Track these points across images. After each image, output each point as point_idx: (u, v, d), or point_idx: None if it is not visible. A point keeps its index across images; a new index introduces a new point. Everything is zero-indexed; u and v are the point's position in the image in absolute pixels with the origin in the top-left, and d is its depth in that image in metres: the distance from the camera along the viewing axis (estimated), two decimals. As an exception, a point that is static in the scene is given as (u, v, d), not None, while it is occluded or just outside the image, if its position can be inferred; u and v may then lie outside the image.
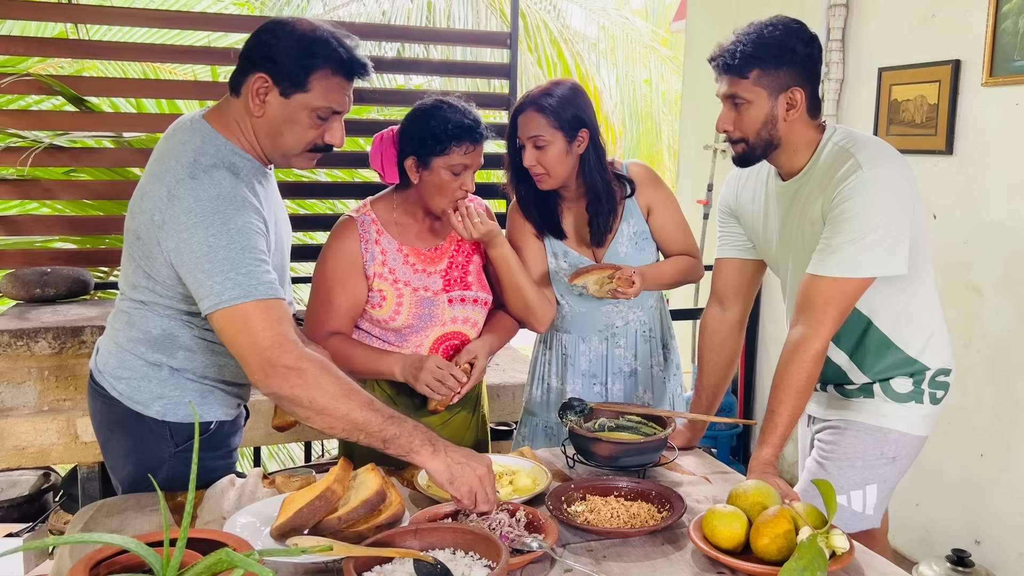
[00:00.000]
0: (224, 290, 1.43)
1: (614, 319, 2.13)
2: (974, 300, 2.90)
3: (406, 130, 1.87)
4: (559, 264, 2.10)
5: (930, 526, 3.11)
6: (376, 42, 7.03)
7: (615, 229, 2.07)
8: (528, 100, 1.97)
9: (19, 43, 3.25)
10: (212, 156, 1.52)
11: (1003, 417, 2.82)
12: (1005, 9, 2.70)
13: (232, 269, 1.43)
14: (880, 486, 1.81)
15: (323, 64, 1.53)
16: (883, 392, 1.81)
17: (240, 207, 1.48)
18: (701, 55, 5.36)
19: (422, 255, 1.94)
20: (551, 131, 1.93)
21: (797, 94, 1.70)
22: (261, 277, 1.45)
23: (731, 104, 1.74)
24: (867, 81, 3.33)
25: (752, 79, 1.69)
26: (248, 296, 1.43)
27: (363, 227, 1.91)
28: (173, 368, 1.63)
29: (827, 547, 1.29)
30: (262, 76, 1.53)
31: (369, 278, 1.90)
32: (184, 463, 1.66)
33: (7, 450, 2.56)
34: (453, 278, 1.96)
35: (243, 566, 0.98)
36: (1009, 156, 2.76)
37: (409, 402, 1.95)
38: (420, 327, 1.92)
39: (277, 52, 1.52)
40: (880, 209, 1.63)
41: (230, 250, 1.44)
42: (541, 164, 1.95)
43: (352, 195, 4.21)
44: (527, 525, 1.42)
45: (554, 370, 2.19)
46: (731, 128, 1.75)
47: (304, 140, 1.58)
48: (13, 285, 2.98)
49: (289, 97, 1.54)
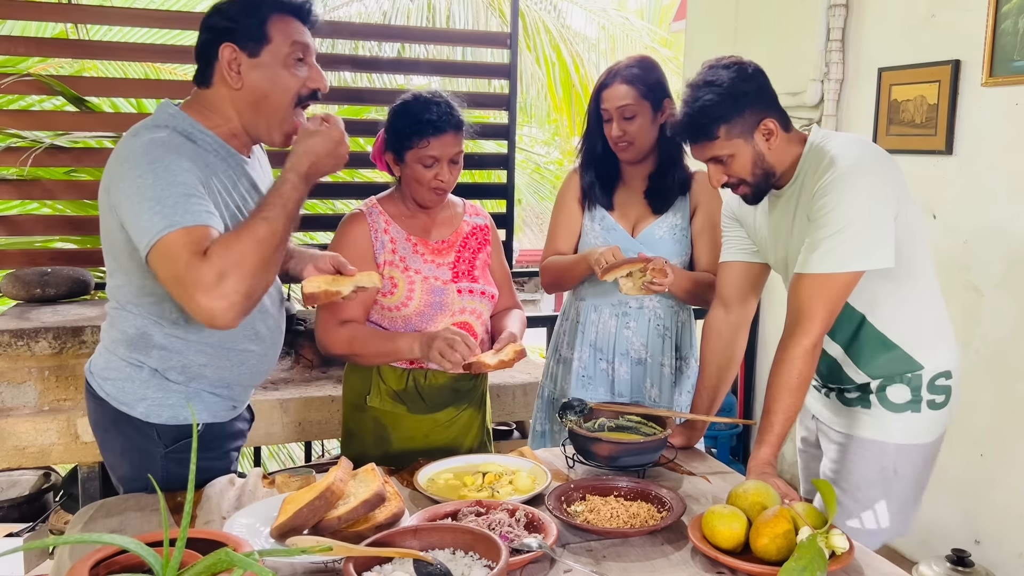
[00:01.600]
0: (151, 225, 1.40)
1: (629, 298, 2.17)
2: (974, 300, 2.90)
3: (385, 128, 1.94)
4: (593, 226, 2.19)
5: (930, 526, 3.10)
6: (376, 42, 7.04)
7: (669, 207, 2.16)
8: (614, 73, 2.09)
9: (19, 43, 3.25)
10: (163, 120, 1.55)
11: (1003, 417, 2.81)
12: (1005, 9, 2.70)
13: (158, 203, 1.41)
14: (889, 500, 1.80)
15: (272, 9, 1.57)
16: (880, 403, 1.81)
17: (172, 152, 1.48)
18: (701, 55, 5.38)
19: (430, 246, 1.97)
20: (640, 101, 2.06)
21: (770, 124, 1.72)
22: (188, 206, 1.42)
23: (715, 165, 1.76)
24: (867, 81, 3.33)
25: (723, 136, 1.71)
26: (173, 226, 1.40)
27: (371, 218, 1.94)
28: (153, 368, 1.62)
29: (827, 547, 1.29)
30: (228, 46, 1.55)
31: (380, 266, 1.91)
32: (177, 463, 1.66)
33: (7, 450, 2.56)
34: (461, 271, 1.99)
35: (243, 566, 0.98)
36: (1009, 156, 2.76)
37: (419, 403, 1.95)
38: (431, 315, 1.93)
39: (230, 19, 1.57)
40: (857, 202, 1.63)
41: (155, 188, 1.42)
42: (629, 134, 2.07)
43: (352, 195, 4.21)
44: (527, 525, 1.42)
45: (566, 340, 2.27)
46: (725, 179, 1.77)
47: (290, 90, 1.59)
48: (13, 285, 2.98)
49: (258, 56, 1.57)
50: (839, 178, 1.64)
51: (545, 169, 8.74)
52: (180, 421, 1.65)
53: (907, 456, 1.80)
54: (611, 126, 2.09)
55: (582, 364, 2.21)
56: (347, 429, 2.02)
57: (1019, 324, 2.75)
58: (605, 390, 2.19)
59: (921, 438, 1.81)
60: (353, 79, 5.63)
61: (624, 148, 2.10)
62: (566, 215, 2.23)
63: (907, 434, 1.80)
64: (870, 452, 1.81)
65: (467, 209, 2.08)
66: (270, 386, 2.90)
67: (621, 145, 2.10)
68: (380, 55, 6.80)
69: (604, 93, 2.09)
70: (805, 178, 1.74)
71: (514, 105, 3.55)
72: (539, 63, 8.41)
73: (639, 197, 2.18)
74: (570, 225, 2.23)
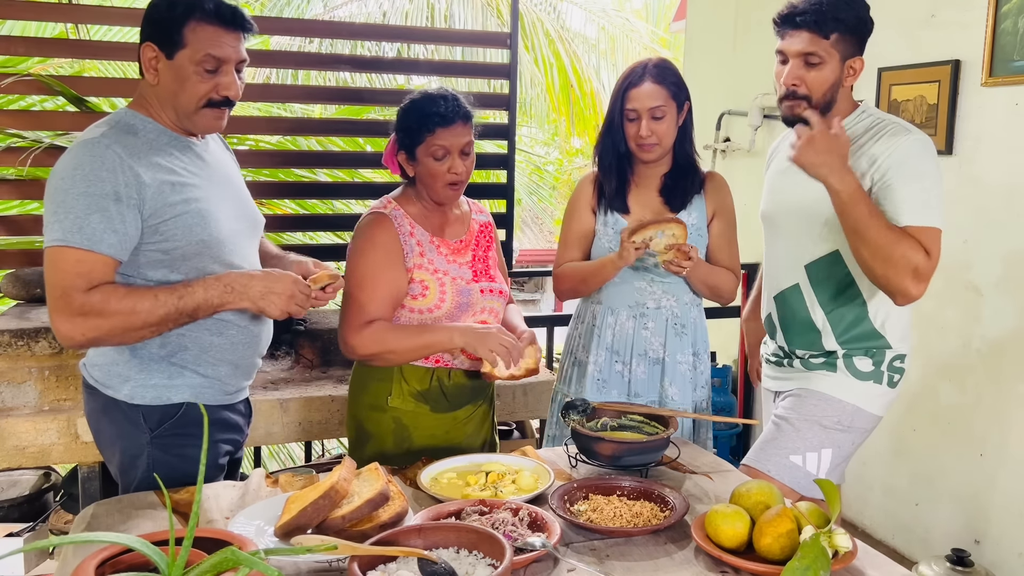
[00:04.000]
0: (50, 231, 1.52)
1: (646, 299, 2.16)
2: (974, 300, 2.90)
3: (395, 129, 1.94)
4: (606, 231, 2.16)
5: (930, 526, 3.11)
6: (376, 42, 7.05)
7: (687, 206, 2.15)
8: (643, 72, 2.05)
9: (19, 43, 3.24)
10: (105, 122, 1.64)
11: (1003, 417, 2.82)
12: (1005, 9, 2.70)
13: (62, 209, 1.52)
14: (835, 452, 1.90)
15: (189, 14, 1.61)
16: (845, 367, 1.91)
17: (96, 158, 1.55)
18: (701, 55, 5.36)
19: (451, 246, 1.97)
20: (669, 102, 2.05)
21: (858, 63, 1.80)
22: (86, 224, 1.52)
23: (802, 62, 1.79)
24: (867, 81, 3.33)
25: (832, 41, 1.77)
26: (65, 241, 1.51)
27: (396, 221, 1.92)
28: (133, 349, 1.66)
29: (830, 546, 1.29)
30: (148, 45, 1.63)
31: (409, 270, 1.90)
32: (163, 450, 1.69)
33: (7, 450, 2.55)
34: (478, 269, 1.99)
35: (249, 564, 0.98)
36: (1009, 156, 2.76)
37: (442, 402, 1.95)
38: (457, 316, 1.93)
39: (152, 18, 1.64)
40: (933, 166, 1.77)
41: (66, 194, 1.53)
42: (656, 134, 2.05)
43: (352, 195, 4.21)
44: (530, 524, 1.42)
45: (581, 343, 2.25)
46: (799, 84, 1.80)
47: (196, 95, 1.65)
48: (13, 285, 2.98)
49: (173, 58, 1.63)
50: (914, 143, 1.76)
51: (543, 170, 8.75)
52: (164, 401, 1.68)
53: (860, 420, 1.92)
54: (636, 125, 2.06)
55: (597, 367, 2.20)
56: (362, 431, 1.98)
57: (1019, 324, 2.76)
58: (619, 392, 2.19)
59: (875, 408, 1.93)
60: (353, 79, 5.64)
61: (650, 148, 2.07)
62: (579, 223, 2.20)
63: (865, 399, 1.91)
64: (827, 403, 1.92)
65: (472, 207, 2.09)
66: (270, 386, 2.90)
67: (647, 146, 2.07)
68: (380, 55, 6.81)
69: (632, 92, 2.05)
70: (858, 136, 1.83)
71: (514, 105, 3.54)
72: (537, 64, 8.42)
73: (654, 197, 2.16)
74: (584, 232, 2.20)
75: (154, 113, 1.68)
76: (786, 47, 1.81)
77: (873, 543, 3.17)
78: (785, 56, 1.82)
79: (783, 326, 2.03)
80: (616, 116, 2.10)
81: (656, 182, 2.16)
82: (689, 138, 2.15)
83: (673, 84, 2.05)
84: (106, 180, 1.53)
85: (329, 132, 3.86)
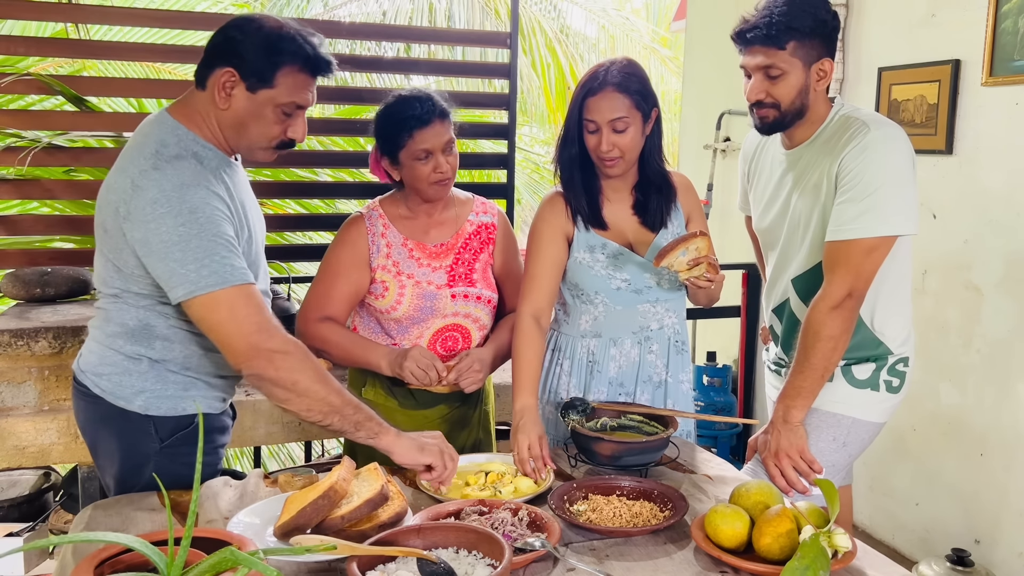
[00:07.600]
0: (200, 277, 1.47)
1: (649, 321, 1.97)
2: (974, 300, 2.90)
3: (375, 135, 1.95)
4: (595, 257, 1.92)
5: (930, 526, 3.11)
6: (376, 42, 7.04)
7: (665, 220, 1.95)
8: (602, 80, 1.80)
9: (19, 43, 3.24)
10: (175, 146, 1.56)
11: (1003, 417, 2.82)
12: (1005, 9, 2.70)
13: (206, 256, 1.48)
14: (828, 471, 1.86)
15: (289, 61, 1.57)
16: (843, 376, 1.87)
17: (206, 195, 1.52)
18: (701, 55, 5.34)
19: (427, 250, 1.98)
20: (632, 112, 1.80)
21: (827, 65, 1.76)
22: (235, 263, 1.50)
23: (763, 75, 1.76)
24: (867, 81, 3.33)
25: (789, 50, 1.73)
26: (226, 282, 1.48)
27: (371, 221, 1.98)
28: (152, 360, 1.64)
29: (829, 546, 1.29)
30: (229, 71, 1.56)
31: (373, 270, 1.95)
32: (170, 459, 1.67)
33: (7, 450, 2.55)
34: (458, 274, 1.99)
35: (248, 564, 0.98)
36: (1009, 156, 2.76)
37: (409, 399, 1.99)
38: (421, 319, 1.96)
39: (244, 48, 1.56)
40: (891, 165, 1.68)
41: (201, 238, 1.48)
42: (619, 147, 1.81)
43: (352, 195, 4.21)
44: (529, 524, 1.42)
45: (573, 381, 2.00)
46: (764, 96, 1.78)
47: (269, 135, 1.62)
48: (13, 285, 2.97)
49: (255, 92, 1.57)
50: (873, 141, 1.69)
51: (544, 169, 8.74)
52: (179, 412, 1.67)
53: (858, 431, 1.88)
54: (597, 138, 1.82)
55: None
56: None
57: (1019, 324, 2.75)
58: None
59: (874, 416, 1.88)
60: (353, 79, 5.63)
61: (612, 163, 1.83)
62: (551, 254, 1.91)
63: (863, 409, 1.87)
64: (825, 423, 1.87)
65: (476, 207, 2.07)
66: (270, 386, 2.90)
67: (609, 161, 1.83)
68: (380, 55, 6.80)
69: (590, 101, 1.81)
70: (824, 142, 1.78)
71: (514, 105, 3.54)
72: (534, 65, 8.42)
73: (627, 213, 1.94)
74: (558, 264, 1.92)
75: (201, 128, 1.61)
76: (746, 63, 1.79)
77: (873, 543, 3.17)
78: (747, 71, 1.80)
79: (783, 340, 2.01)
80: (573, 127, 1.86)
81: (627, 196, 1.95)
82: (658, 148, 1.91)
83: (637, 92, 1.80)
84: (225, 219, 1.54)
85: (329, 132, 3.86)
